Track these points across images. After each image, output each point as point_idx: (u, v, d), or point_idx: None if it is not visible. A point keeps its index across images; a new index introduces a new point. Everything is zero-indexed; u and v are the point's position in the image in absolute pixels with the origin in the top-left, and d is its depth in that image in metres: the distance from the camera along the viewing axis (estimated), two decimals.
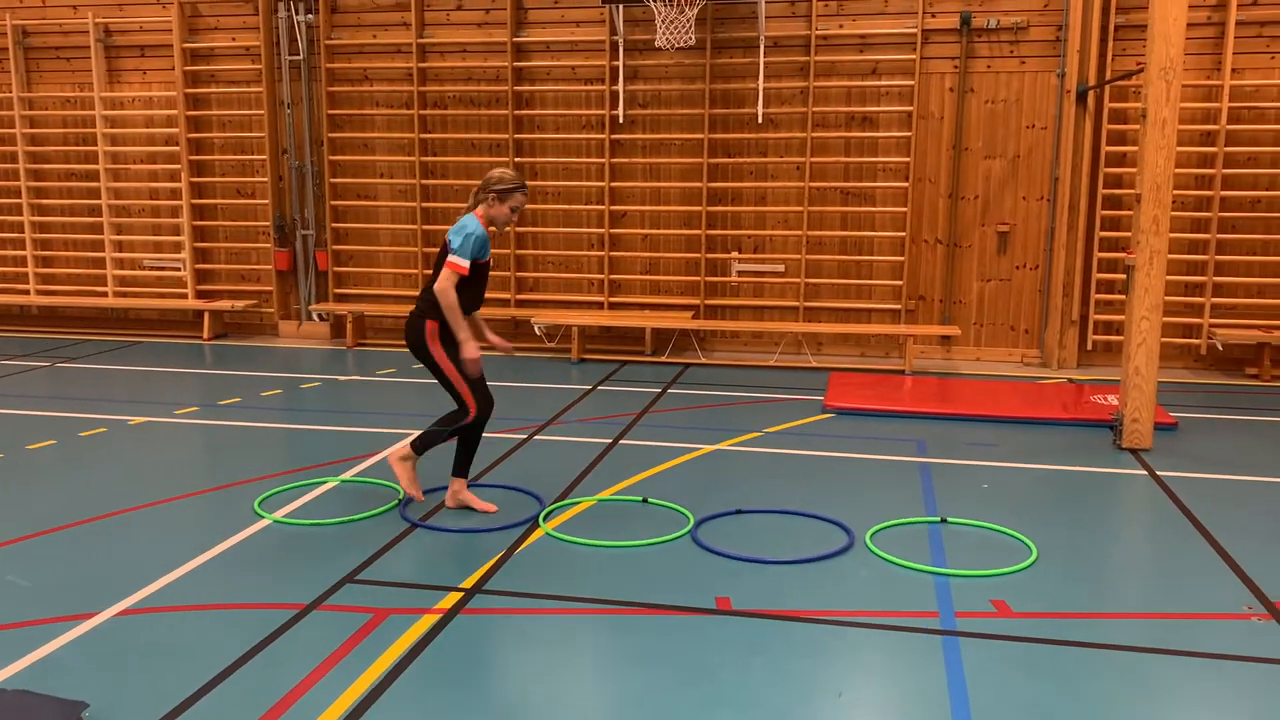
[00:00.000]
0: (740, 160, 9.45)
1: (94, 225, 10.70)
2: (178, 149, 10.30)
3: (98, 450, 6.22)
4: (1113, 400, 7.26)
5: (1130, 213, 7.29)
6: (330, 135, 10.02)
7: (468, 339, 4.78)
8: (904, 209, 9.15)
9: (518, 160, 9.68)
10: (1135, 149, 7.93)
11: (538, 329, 9.44)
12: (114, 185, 10.60)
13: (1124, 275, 6.35)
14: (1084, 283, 8.94)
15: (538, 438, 6.48)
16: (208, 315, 10.31)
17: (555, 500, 5.21)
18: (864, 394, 7.64)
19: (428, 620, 3.81)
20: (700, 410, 7.39)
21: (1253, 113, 8.60)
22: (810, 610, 3.92)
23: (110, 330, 10.71)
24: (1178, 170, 7.74)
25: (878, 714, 3.31)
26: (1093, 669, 3.50)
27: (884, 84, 9.13)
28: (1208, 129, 8.64)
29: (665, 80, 9.47)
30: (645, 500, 5.20)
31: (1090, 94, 8.65)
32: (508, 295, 9.89)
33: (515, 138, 9.64)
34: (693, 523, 4.83)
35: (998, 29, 8.89)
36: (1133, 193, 6.46)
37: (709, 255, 9.54)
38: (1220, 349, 8.68)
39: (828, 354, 9.51)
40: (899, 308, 9.26)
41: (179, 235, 10.52)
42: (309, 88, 10.13)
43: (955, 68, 9.01)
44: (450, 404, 4.99)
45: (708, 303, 9.57)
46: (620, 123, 9.48)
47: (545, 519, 4.91)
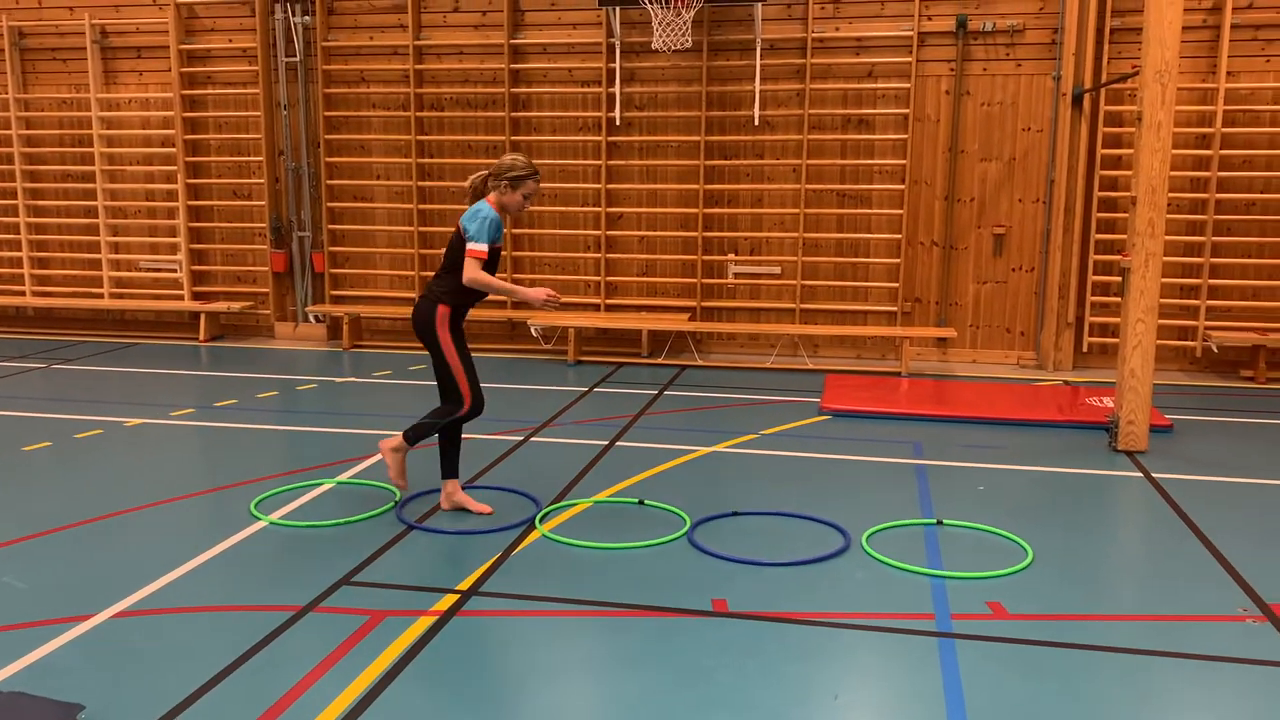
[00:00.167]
0: (736, 162, 9.46)
1: (90, 227, 10.69)
2: (174, 150, 10.30)
3: (93, 452, 6.21)
4: (1108, 402, 7.28)
5: (1126, 215, 7.31)
6: (327, 137, 10.02)
7: (525, 292, 4.89)
8: (900, 211, 9.16)
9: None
10: (1131, 152, 7.96)
11: (534, 330, 9.44)
12: (110, 187, 10.59)
13: (1119, 278, 6.37)
14: (1079, 285, 8.96)
15: (534, 439, 6.48)
16: (204, 317, 10.30)
17: (551, 502, 5.21)
18: (860, 396, 7.65)
19: (424, 622, 3.81)
20: (697, 412, 7.39)
21: (1248, 115, 8.62)
22: (806, 612, 3.93)
23: (106, 332, 10.70)
24: (1173, 173, 7.76)
25: (874, 716, 3.31)
26: (1088, 671, 3.51)
27: (880, 87, 9.14)
28: (1203, 132, 8.66)
29: (662, 82, 9.49)
30: (641, 502, 5.21)
31: (1086, 97, 8.67)
32: (504, 296, 9.86)
33: (512, 139, 9.64)
34: (689, 525, 4.84)
35: (993, 32, 8.91)
36: (1128, 195, 6.47)
37: (705, 257, 9.55)
38: (1215, 351, 8.70)
39: (824, 356, 9.53)
40: (895, 310, 9.27)
41: (175, 237, 10.51)
42: (305, 89, 10.13)
43: (951, 70, 9.03)
44: (439, 401, 4.98)
45: (704, 305, 9.58)
46: (617, 125, 9.49)
47: (541, 521, 4.92)
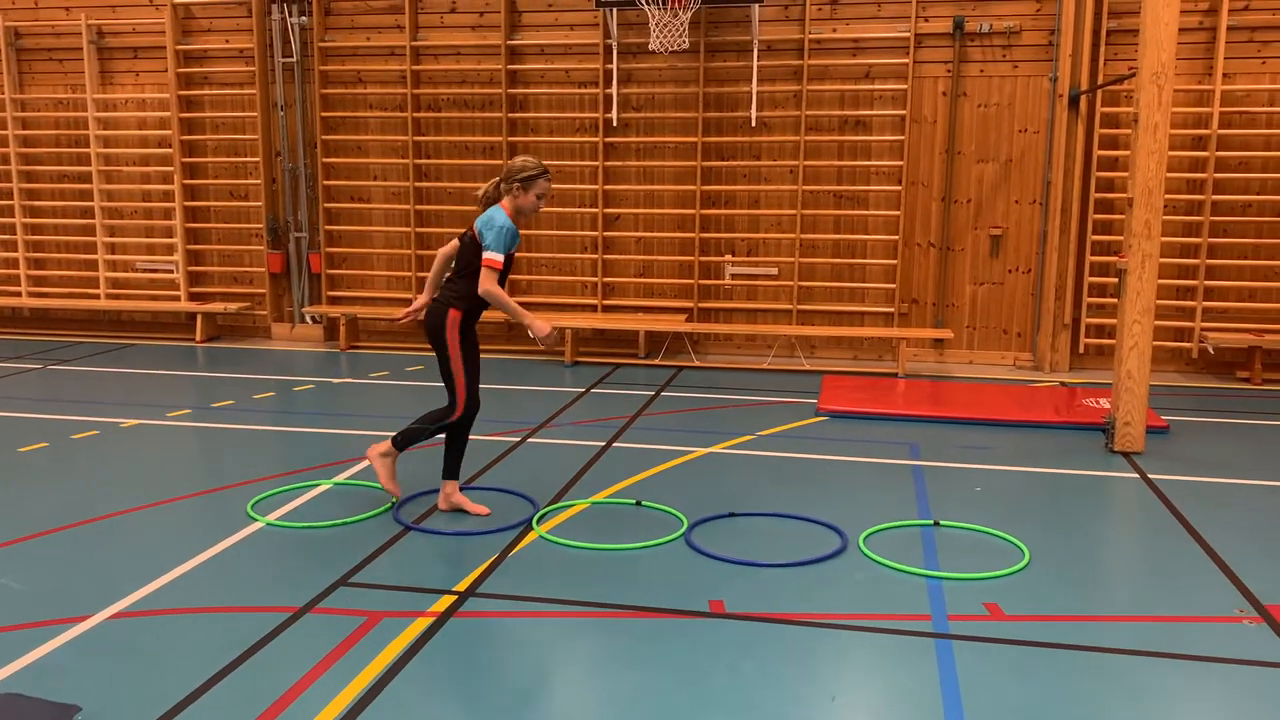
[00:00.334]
0: (734, 163, 9.46)
1: (86, 227, 10.67)
2: (170, 151, 10.28)
3: (90, 453, 6.21)
4: (1105, 403, 7.29)
5: (1122, 216, 7.32)
6: (324, 137, 10.01)
7: (533, 319, 4.92)
8: (897, 212, 9.17)
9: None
10: (1127, 153, 7.97)
11: (531, 332, 9.41)
12: (106, 187, 10.58)
13: (1116, 279, 6.37)
14: (1076, 286, 8.98)
15: (531, 440, 6.47)
16: (200, 318, 10.29)
17: (549, 503, 5.21)
18: (857, 397, 7.65)
19: (421, 623, 3.81)
20: (694, 413, 7.39)
21: (1244, 117, 8.64)
22: (803, 613, 3.93)
23: (102, 333, 10.68)
24: (1169, 174, 7.78)
25: (871, 717, 3.31)
26: (1085, 672, 3.51)
27: (877, 88, 9.15)
28: (1199, 133, 8.67)
29: (659, 83, 9.49)
30: (639, 503, 5.21)
31: (1082, 98, 8.68)
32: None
33: (509, 140, 9.64)
34: (686, 526, 4.84)
35: (990, 33, 8.92)
36: (1124, 196, 6.48)
37: (702, 258, 9.55)
38: (1211, 352, 8.71)
39: (821, 357, 9.53)
40: (892, 311, 9.28)
41: (172, 237, 10.50)
42: (302, 90, 10.12)
43: (948, 72, 9.04)
44: (436, 403, 5.00)
45: (701, 305, 9.58)
46: (614, 126, 9.49)
47: (538, 522, 4.91)
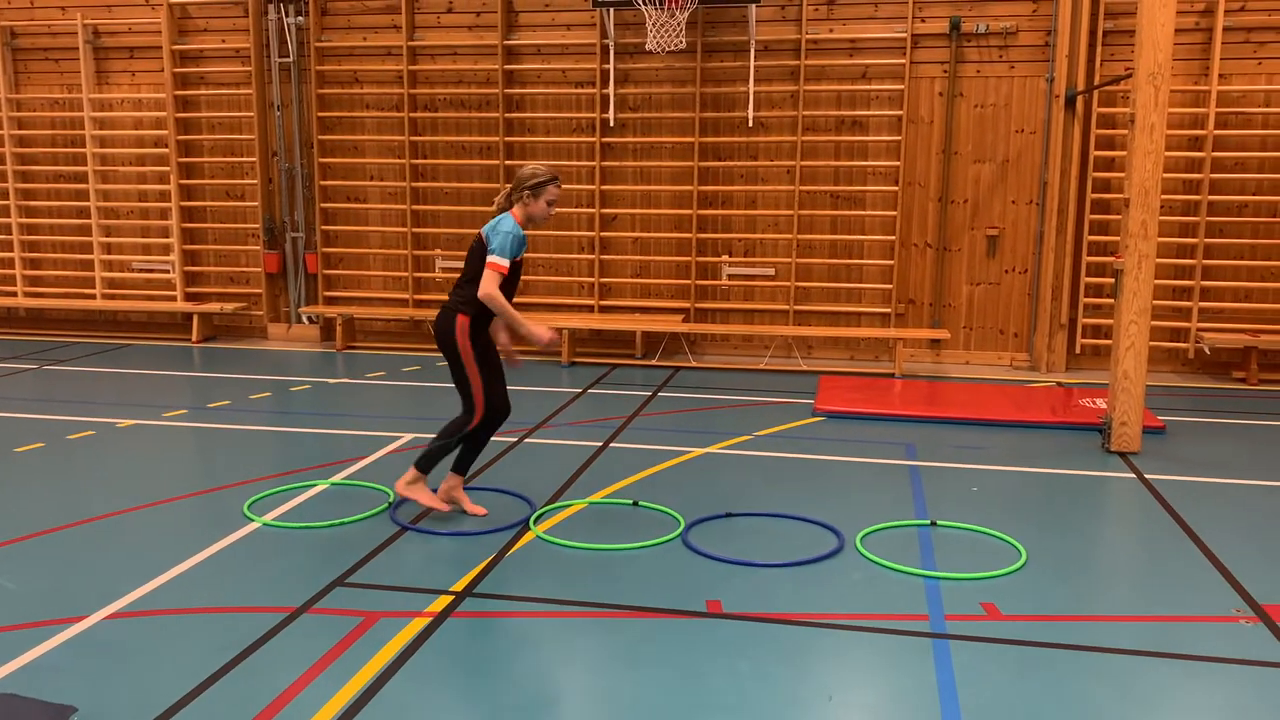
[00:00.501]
0: (730, 164, 9.46)
1: (82, 227, 10.65)
2: (167, 151, 10.27)
3: (86, 453, 6.19)
4: (1101, 404, 7.29)
5: (1119, 217, 7.33)
6: (320, 137, 10.00)
7: (531, 328, 4.81)
8: (894, 213, 9.17)
9: (508, 163, 9.68)
10: (1124, 154, 7.97)
11: (532, 339, 9.40)
12: (102, 187, 10.56)
13: (1112, 279, 6.38)
14: (1073, 286, 8.99)
15: (528, 441, 6.47)
16: (196, 318, 10.28)
17: (546, 503, 5.20)
18: (854, 397, 7.65)
19: (418, 624, 3.80)
20: (690, 414, 7.39)
21: (1239, 118, 8.65)
22: (800, 613, 3.93)
23: (98, 333, 10.66)
24: (1166, 175, 7.78)
25: (868, 717, 3.31)
26: (1082, 671, 3.51)
27: (874, 88, 9.16)
28: (1195, 134, 8.69)
29: (656, 84, 9.49)
30: (636, 503, 5.21)
31: (1079, 99, 8.69)
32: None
33: (506, 140, 9.63)
34: (683, 526, 4.84)
35: (987, 34, 8.93)
36: (1121, 197, 6.49)
37: (699, 258, 9.55)
38: (1208, 353, 8.73)
39: (817, 357, 9.54)
40: (889, 311, 9.28)
41: (168, 237, 10.49)
42: (299, 90, 10.11)
43: (945, 72, 9.05)
44: (452, 414, 4.95)
45: (698, 306, 9.58)
46: (611, 126, 9.49)
47: (536, 522, 4.91)
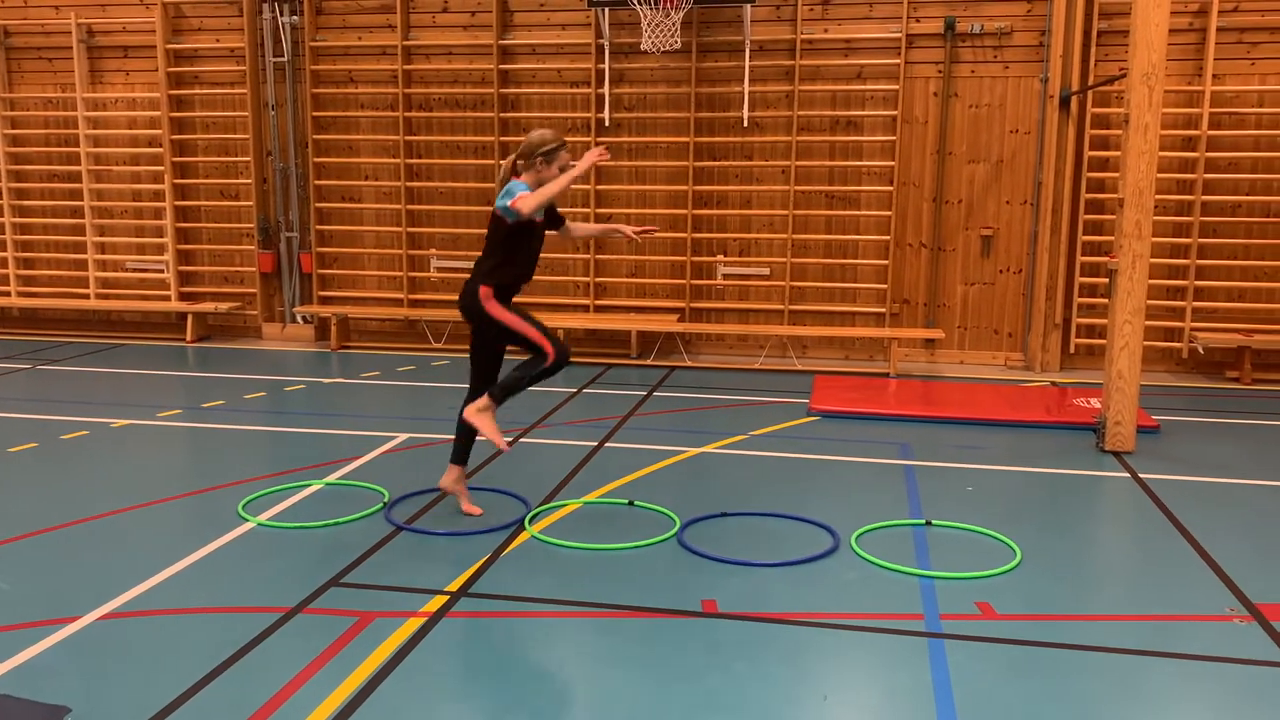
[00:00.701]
0: (725, 163, 9.46)
1: (76, 227, 10.63)
2: (161, 150, 10.24)
3: (80, 453, 6.18)
4: (1095, 403, 7.30)
5: (1113, 217, 7.35)
6: (315, 137, 9.98)
7: (580, 166, 4.74)
8: (888, 213, 9.18)
9: (503, 163, 9.62)
10: (1118, 154, 7.98)
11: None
12: (96, 187, 10.54)
13: (1106, 279, 6.39)
14: (1067, 286, 9.00)
15: (524, 440, 6.46)
16: (191, 317, 10.25)
17: (541, 503, 5.20)
18: (849, 397, 7.66)
19: (413, 624, 3.80)
20: (686, 413, 7.39)
21: (1233, 118, 8.67)
22: (796, 613, 3.93)
23: (92, 332, 10.63)
24: (1160, 175, 7.80)
25: (863, 716, 3.31)
26: (1077, 670, 3.52)
27: (868, 88, 9.16)
28: (1189, 134, 8.71)
29: (651, 83, 9.48)
30: (631, 503, 5.20)
31: (1073, 99, 8.70)
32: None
33: (501, 140, 9.62)
34: (679, 525, 4.83)
35: (981, 34, 8.94)
36: (1115, 197, 6.51)
37: (694, 258, 9.55)
38: (1201, 352, 8.75)
39: (812, 357, 9.54)
40: (883, 311, 9.29)
41: (162, 237, 10.46)
42: (293, 89, 10.09)
43: (939, 72, 9.06)
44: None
45: (693, 306, 9.58)
46: (606, 126, 9.48)
47: (531, 522, 4.91)
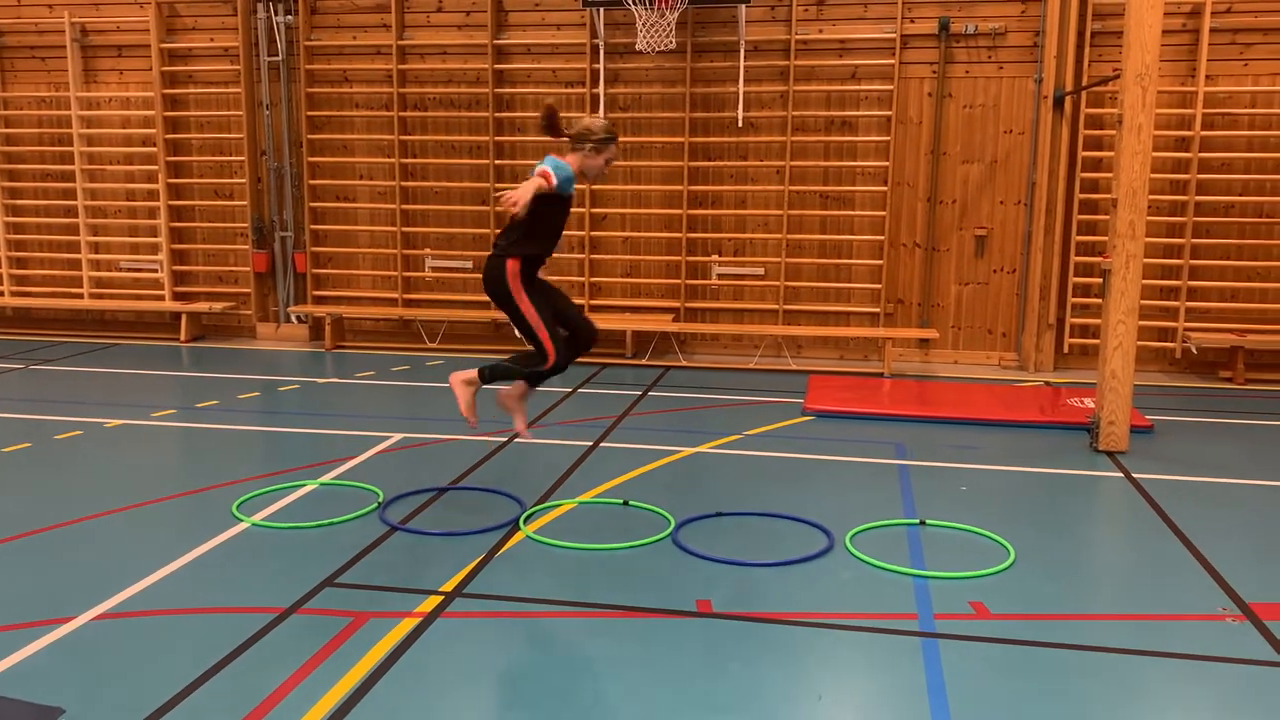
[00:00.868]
0: (720, 164, 9.46)
1: (69, 226, 10.60)
2: (155, 150, 10.22)
3: (73, 453, 6.16)
4: (1089, 403, 7.32)
5: (1106, 217, 7.35)
6: (309, 137, 9.97)
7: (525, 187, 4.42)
8: (883, 213, 9.19)
9: (498, 163, 9.67)
10: (1111, 154, 8.00)
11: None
12: (90, 186, 10.51)
13: (1100, 279, 6.40)
14: (1061, 286, 9.02)
15: (518, 440, 6.46)
16: (185, 317, 10.23)
17: (536, 503, 5.20)
18: (843, 397, 7.67)
19: (407, 624, 3.79)
20: (681, 413, 7.39)
21: (1226, 119, 8.70)
22: (790, 613, 3.93)
23: (86, 332, 10.60)
24: (1153, 175, 7.81)
25: (857, 716, 3.32)
26: (1071, 670, 3.52)
27: (863, 89, 9.17)
28: (1182, 134, 8.73)
29: (646, 84, 9.48)
30: (626, 503, 5.21)
31: (1067, 99, 8.72)
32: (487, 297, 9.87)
33: (496, 140, 9.62)
34: (673, 525, 4.84)
35: (976, 35, 8.95)
36: (1109, 197, 6.52)
37: (689, 258, 9.55)
38: (1195, 352, 8.77)
39: (807, 357, 9.55)
40: (878, 311, 9.30)
41: (156, 237, 10.44)
42: (288, 89, 10.08)
43: (934, 73, 9.07)
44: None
45: (688, 305, 9.58)
46: None
47: (526, 522, 4.91)
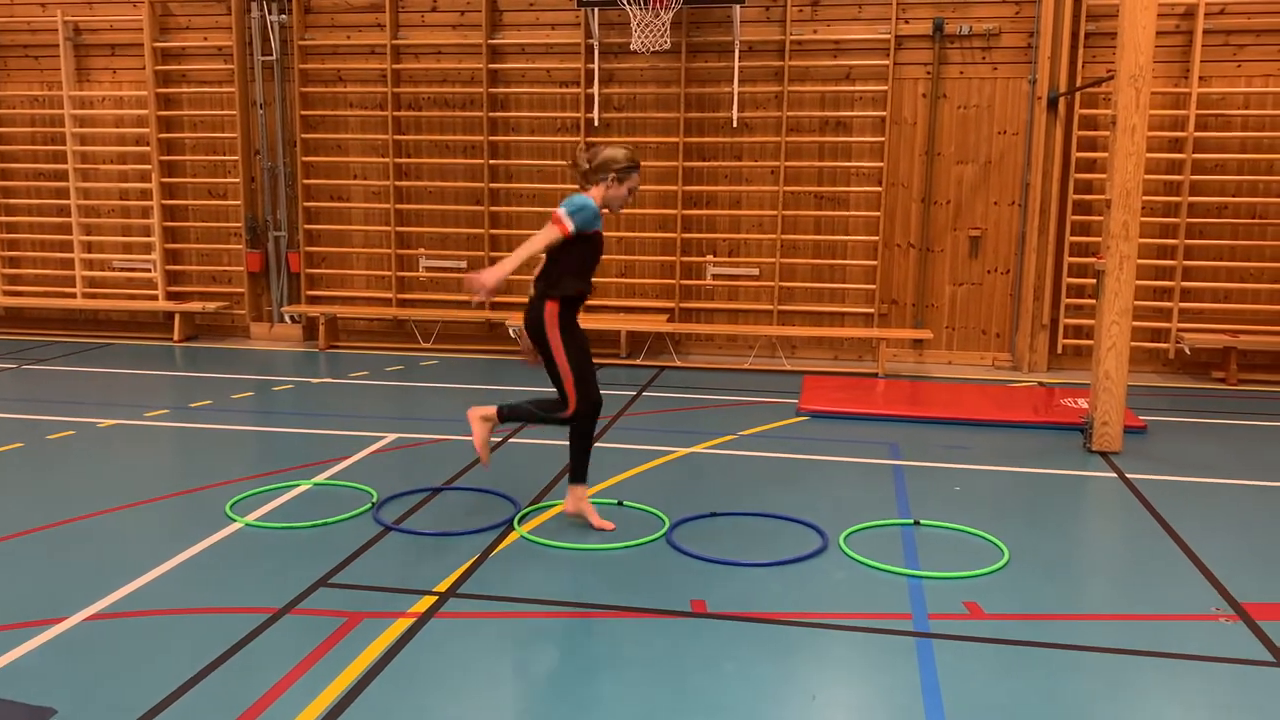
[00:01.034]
0: (715, 164, 9.47)
1: (62, 225, 10.57)
2: (148, 149, 10.20)
3: (66, 453, 6.14)
4: (1083, 403, 7.33)
5: (1100, 218, 7.38)
6: (303, 136, 9.95)
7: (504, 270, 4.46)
8: (877, 213, 9.20)
9: (492, 163, 9.66)
10: (1105, 155, 8.02)
11: (512, 331, 9.42)
12: (83, 185, 10.48)
13: (1094, 280, 6.41)
14: (1054, 287, 9.03)
15: (513, 440, 6.46)
16: (178, 317, 10.21)
17: (530, 503, 5.19)
18: (837, 397, 7.67)
19: (401, 624, 3.79)
20: (675, 413, 7.39)
21: (1219, 120, 8.72)
22: (784, 613, 3.94)
23: (79, 332, 10.58)
24: (1147, 176, 7.82)
25: (852, 716, 3.32)
26: (1065, 670, 3.53)
27: (857, 89, 9.18)
28: (1176, 136, 8.75)
29: (640, 84, 9.48)
30: (620, 503, 5.20)
31: (1061, 100, 8.74)
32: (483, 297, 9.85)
33: (490, 140, 9.61)
34: (668, 525, 4.84)
35: (970, 35, 8.97)
36: (1103, 198, 6.53)
37: (684, 258, 9.55)
38: (1188, 353, 8.79)
39: (801, 357, 9.56)
40: (872, 311, 9.31)
41: (149, 236, 10.42)
42: (282, 88, 10.05)
43: (928, 73, 9.08)
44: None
45: (683, 306, 9.58)
46: (595, 126, 9.48)
47: (520, 522, 4.90)
